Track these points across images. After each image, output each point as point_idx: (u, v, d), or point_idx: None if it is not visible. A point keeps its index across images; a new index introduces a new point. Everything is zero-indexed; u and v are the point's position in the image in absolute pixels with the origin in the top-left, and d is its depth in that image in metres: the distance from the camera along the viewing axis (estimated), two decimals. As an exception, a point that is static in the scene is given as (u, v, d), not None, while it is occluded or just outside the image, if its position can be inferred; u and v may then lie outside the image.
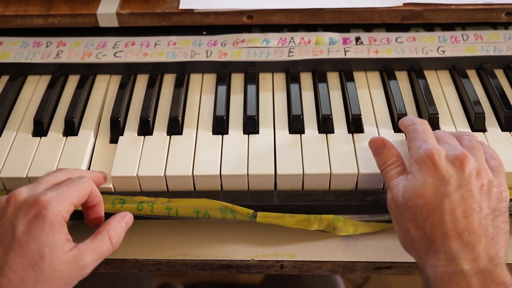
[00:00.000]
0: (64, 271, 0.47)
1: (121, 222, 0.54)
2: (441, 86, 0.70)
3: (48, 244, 0.47)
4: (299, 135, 0.63)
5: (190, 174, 0.58)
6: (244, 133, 0.64)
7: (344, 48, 0.73)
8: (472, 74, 0.72)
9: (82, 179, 0.52)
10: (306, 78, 0.72)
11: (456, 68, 0.71)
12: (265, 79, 0.72)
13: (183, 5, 0.72)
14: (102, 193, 0.59)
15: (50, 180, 0.53)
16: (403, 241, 0.52)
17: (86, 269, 0.50)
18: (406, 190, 0.51)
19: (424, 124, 0.57)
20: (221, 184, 0.59)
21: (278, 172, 0.58)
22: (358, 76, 0.72)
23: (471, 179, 0.50)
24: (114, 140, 0.64)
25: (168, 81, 0.72)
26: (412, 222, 0.49)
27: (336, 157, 0.59)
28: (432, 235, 0.48)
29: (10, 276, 0.45)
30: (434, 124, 0.63)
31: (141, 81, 0.72)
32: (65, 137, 0.64)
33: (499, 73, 0.71)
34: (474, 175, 0.50)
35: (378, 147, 0.57)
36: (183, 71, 0.72)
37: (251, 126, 0.64)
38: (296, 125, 0.64)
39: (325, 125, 0.63)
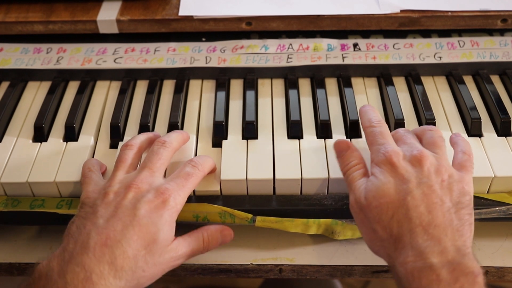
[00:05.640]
0: (165, 258, 0.51)
1: (219, 233, 0.57)
2: (438, 92, 0.71)
3: (163, 231, 0.51)
4: (297, 140, 0.63)
5: (190, 179, 0.59)
6: (243, 138, 0.64)
7: (342, 54, 0.73)
8: (468, 80, 0.72)
9: (196, 170, 0.56)
10: (304, 84, 0.72)
11: (452, 74, 0.72)
12: (264, 85, 0.72)
13: (182, 12, 0.73)
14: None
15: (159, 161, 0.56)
16: (370, 243, 0.52)
17: (179, 261, 0.53)
18: (369, 190, 0.51)
19: (381, 125, 0.58)
20: (220, 189, 0.60)
21: (277, 177, 0.59)
22: (356, 82, 0.72)
23: (430, 176, 0.51)
24: (114, 145, 0.65)
25: (168, 87, 0.72)
26: (378, 223, 0.50)
27: (334, 162, 0.60)
28: (400, 232, 0.49)
29: (125, 249, 0.48)
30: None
31: (141, 87, 0.73)
32: (65, 143, 0.64)
33: (495, 79, 0.72)
34: (433, 172, 0.51)
35: (342, 149, 0.58)
36: (182, 77, 0.72)
37: (250, 131, 0.64)
38: (294, 131, 0.64)
39: (324, 131, 0.64)
